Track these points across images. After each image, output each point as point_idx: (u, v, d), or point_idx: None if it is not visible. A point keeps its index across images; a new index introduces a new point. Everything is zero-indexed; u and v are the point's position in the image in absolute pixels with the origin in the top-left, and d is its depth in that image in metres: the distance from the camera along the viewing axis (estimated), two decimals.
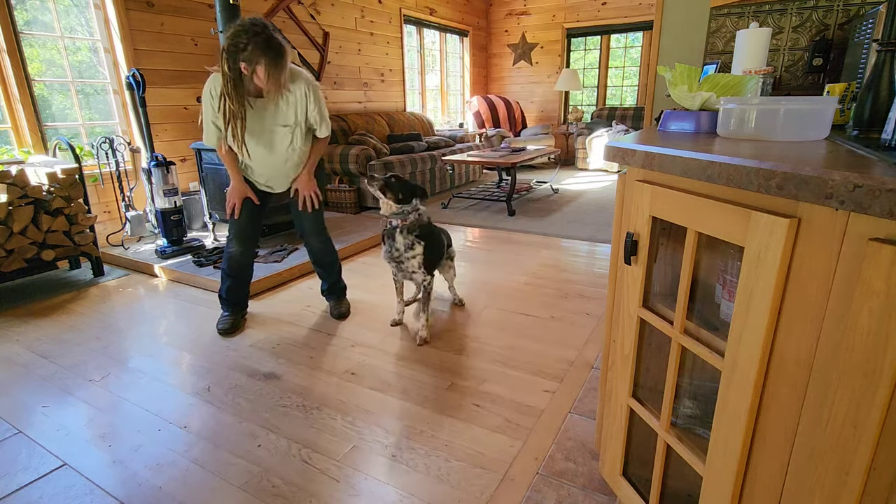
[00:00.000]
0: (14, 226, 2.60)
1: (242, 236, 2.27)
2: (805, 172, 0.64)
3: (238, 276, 2.35)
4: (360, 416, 1.69)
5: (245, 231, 2.27)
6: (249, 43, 1.79)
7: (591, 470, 1.42)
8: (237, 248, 2.28)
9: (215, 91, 1.95)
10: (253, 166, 2.16)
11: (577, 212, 4.56)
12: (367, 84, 5.79)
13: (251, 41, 1.79)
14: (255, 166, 2.15)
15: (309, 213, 2.31)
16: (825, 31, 2.19)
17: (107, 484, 1.41)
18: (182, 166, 3.90)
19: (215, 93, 1.95)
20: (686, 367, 1.14)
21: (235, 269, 2.32)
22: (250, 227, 2.28)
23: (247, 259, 2.34)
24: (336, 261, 2.51)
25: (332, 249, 2.47)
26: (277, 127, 2.06)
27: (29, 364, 2.06)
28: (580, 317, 2.41)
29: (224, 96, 1.90)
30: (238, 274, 2.34)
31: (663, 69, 1.25)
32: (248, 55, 1.80)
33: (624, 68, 7.54)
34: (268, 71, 1.83)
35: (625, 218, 1.12)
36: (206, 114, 2.03)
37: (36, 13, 3.19)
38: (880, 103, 0.98)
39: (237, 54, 1.81)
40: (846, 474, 0.66)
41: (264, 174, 2.19)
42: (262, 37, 1.80)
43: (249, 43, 1.79)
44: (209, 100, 1.98)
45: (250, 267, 2.39)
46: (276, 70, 1.85)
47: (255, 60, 1.82)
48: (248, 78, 1.88)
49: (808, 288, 0.69)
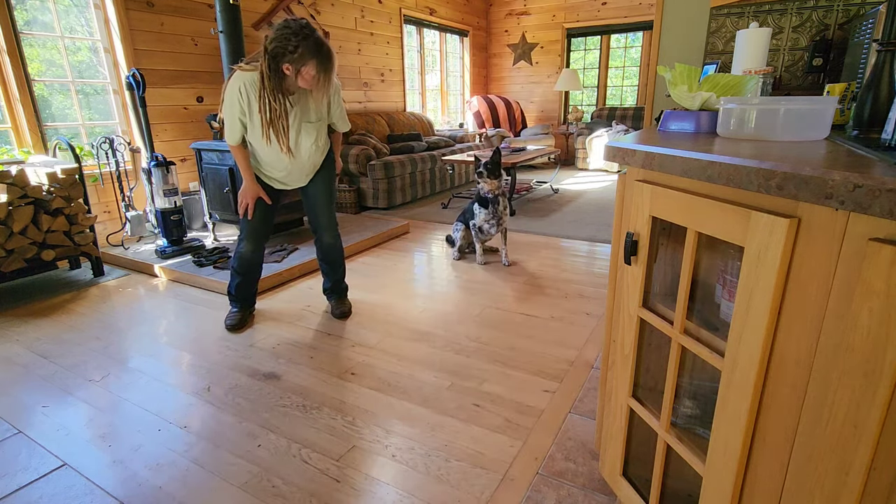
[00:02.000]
0: (14, 226, 2.60)
1: (254, 236, 2.28)
2: (805, 172, 0.64)
3: (247, 274, 2.35)
4: (360, 416, 1.69)
5: (257, 231, 2.28)
6: (300, 46, 1.81)
7: (591, 470, 1.42)
8: (248, 247, 2.28)
9: (245, 89, 1.94)
10: (273, 163, 2.15)
11: (577, 212, 4.56)
12: (367, 84, 5.79)
13: (301, 44, 1.81)
14: (275, 163, 2.15)
15: (325, 208, 2.33)
16: (825, 31, 2.19)
17: (107, 484, 1.41)
18: (182, 166, 3.91)
19: (245, 91, 1.94)
20: (686, 367, 1.14)
21: (246, 267, 2.33)
22: (262, 227, 2.29)
23: (257, 258, 2.35)
24: (343, 259, 2.52)
25: (342, 247, 2.49)
26: (305, 123, 2.09)
27: (29, 364, 2.06)
28: (580, 317, 2.41)
29: (266, 95, 1.91)
30: (247, 272, 2.35)
31: (663, 69, 1.25)
32: (297, 57, 1.83)
33: (624, 68, 7.54)
34: (318, 74, 1.87)
35: (625, 218, 1.12)
36: (233, 111, 1.99)
37: (36, 13, 3.19)
38: (880, 103, 0.98)
39: (284, 56, 1.83)
40: (846, 474, 0.66)
41: (284, 170, 2.19)
42: (313, 40, 1.84)
43: (300, 46, 1.81)
44: (238, 98, 1.96)
45: (260, 265, 2.40)
46: (325, 73, 1.88)
47: (303, 63, 1.84)
48: (290, 79, 1.90)
49: (808, 288, 0.69)
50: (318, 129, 2.15)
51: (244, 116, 2.00)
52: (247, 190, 2.17)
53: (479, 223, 3.15)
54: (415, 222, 4.36)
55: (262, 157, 2.15)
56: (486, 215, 3.11)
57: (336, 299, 2.54)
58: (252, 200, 2.19)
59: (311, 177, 2.28)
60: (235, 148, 2.10)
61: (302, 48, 1.82)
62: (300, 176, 2.24)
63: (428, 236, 3.92)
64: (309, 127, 2.11)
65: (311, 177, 2.28)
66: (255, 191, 2.17)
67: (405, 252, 3.53)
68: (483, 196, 3.10)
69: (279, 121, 1.97)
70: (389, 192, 4.74)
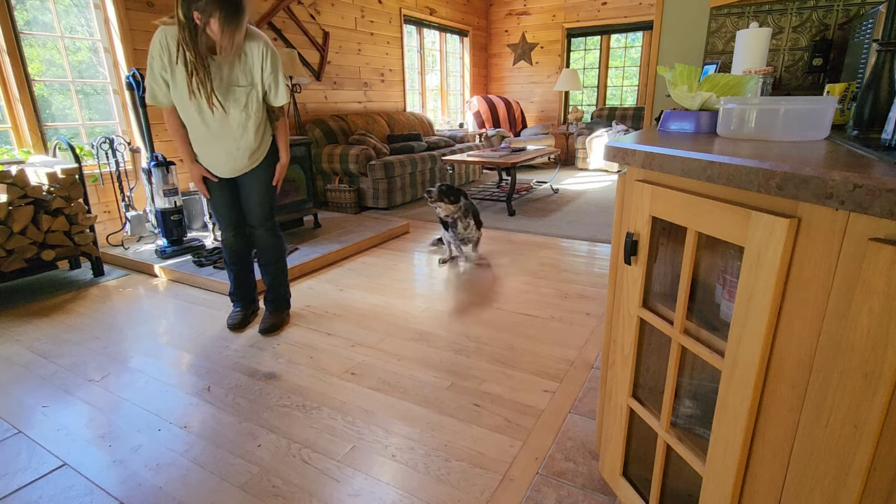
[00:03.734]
0: (14, 226, 2.60)
1: (226, 222, 2.20)
2: (805, 172, 0.64)
3: (237, 264, 2.32)
4: (360, 416, 1.69)
5: (225, 216, 2.18)
6: None
7: (591, 470, 1.42)
8: (226, 234, 2.24)
9: (165, 41, 1.80)
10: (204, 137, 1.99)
11: (577, 212, 4.56)
12: (367, 84, 5.79)
13: None
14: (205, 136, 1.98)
15: (261, 199, 2.16)
16: (825, 31, 2.19)
17: (107, 484, 1.41)
18: (182, 166, 3.90)
19: (164, 43, 1.80)
20: (686, 367, 1.14)
21: (233, 256, 2.29)
22: (229, 211, 2.17)
23: (241, 245, 2.26)
24: (281, 262, 2.32)
25: (281, 248, 2.29)
26: (234, 88, 1.91)
27: (29, 364, 2.06)
28: (580, 317, 2.41)
29: (181, 45, 1.76)
30: (236, 262, 2.31)
31: (663, 69, 1.25)
32: (203, 5, 1.67)
33: (624, 68, 7.54)
34: (222, 26, 1.70)
35: (625, 218, 1.12)
36: (153, 68, 1.85)
37: (36, 13, 3.19)
38: (880, 103, 0.98)
39: (191, 2, 1.68)
40: (846, 474, 0.66)
41: (210, 151, 2.02)
42: None
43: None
44: (158, 51, 1.82)
45: (248, 254, 2.33)
46: (230, 26, 1.71)
47: (209, 12, 1.68)
48: (200, 30, 1.74)
49: (808, 288, 0.69)
50: (248, 95, 1.94)
51: (165, 72, 1.85)
52: (189, 173, 2.05)
53: (448, 238, 3.23)
54: (415, 222, 4.36)
55: (192, 130, 1.98)
56: (450, 236, 3.15)
57: (269, 310, 2.34)
58: (199, 182, 2.08)
59: (246, 168, 2.09)
60: (168, 118, 1.97)
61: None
62: (228, 151, 2.01)
63: (428, 236, 3.92)
64: (238, 92, 1.92)
65: (247, 170, 2.10)
66: (195, 171, 2.05)
67: (405, 252, 3.53)
68: (442, 219, 3.10)
69: (198, 72, 1.80)
70: (389, 192, 4.74)
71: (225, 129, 1.97)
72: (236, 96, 1.93)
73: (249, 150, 2.05)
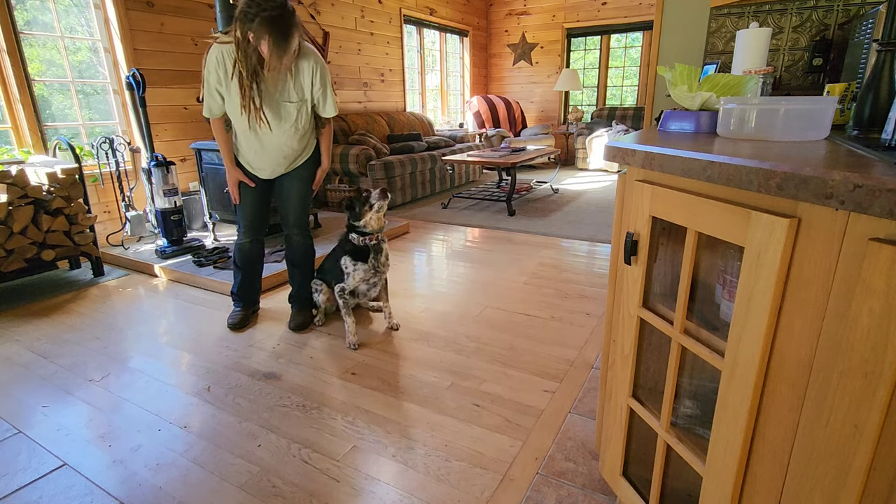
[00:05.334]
0: (14, 226, 2.60)
1: (247, 225, 2.24)
2: (805, 172, 0.64)
3: (247, 267, 2.33)
4: (360, 416, 1.69)
5: (249, 220, 2.23)
6: (258, 16, 1.74)
7: (591, 470, 1.42)
8: (244, 237, 2.26)
9: (221, 57, 1.90)
10: (249, 142, 2.07)
11: (577, 212, 4.56)
12: (367, 84, 5.79)
13: (259, 15, 1.74)
14: (251, 141, 2.07)
15: (298, 204, 2.25)
16: (825, 31, 2.19)
17: (107, 484, 1.41)
18: (182, 166, 3.90)
19: (221, 59, 1.90)
20: (686, 367, 1.14)
21: (245, 260, 2.31)
22: (255, 216, 2.23)
23: (255, 250, 2.31)
24: (312, 265, 2.40)
25: (313, 251, 2.38)
26: (285, 103, 2.01)
27: (29, 364, 2.06)
28: (580, 317, 2.41)
29: (238, 63, 1.86)
30: (246, 265, 2.32)
31: (663, 69, 1.25)
32: (255, 27, 1.75)
33: (624, 68, 7.54)
34: (271, 48, 1.79)
35: (625, 218, 1.12)
36: (209, 83, 1.95)
37: (36, 13, 3.19)
38: (880, 103, 0.98)
39: (245, 23, 1.77)
40: (846, 474, 0.66)
41: (257, 155, 2.10)
42: (271, 14, 1.75)
43: (258, 16, 1.74)
44: (214, 66, 1.91)
45: (260, 260, 2.37)
46: (279, 49, 1.79)
47: (259, 35, 1.77)
48: (252, 49, 1.83)
49: (808, 288, 0.69)
50: (298, 111, 2.04)
51: (220, 86, 1.95)
52: (227, 175, 2.15)
53: (354, 284, 2.16)
54: (415, 222, 4.36)
55: (240, 136, 2.08)
56: (365, 272, 2.15)
57: (297, 308, 2.40)
58: (234, 185, 2.16)
59: (288, 168, 2.18)
60: (215, 126, 2.06)
61: (259, 19, 1.74)
62: (274, 159, 2.11)
63: (428, 236, 3.92)
64: (289, 107, 2.02)
65: (289, 170, 2.19)
66: (234, 175, 2.14)
67: (405, 252, 3.53)
68: (359, 246, 2.12)
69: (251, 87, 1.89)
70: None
71: (273, 140, 2.07)
72: (287, 111, 2.03)
73: (295, 155, 2.16)
